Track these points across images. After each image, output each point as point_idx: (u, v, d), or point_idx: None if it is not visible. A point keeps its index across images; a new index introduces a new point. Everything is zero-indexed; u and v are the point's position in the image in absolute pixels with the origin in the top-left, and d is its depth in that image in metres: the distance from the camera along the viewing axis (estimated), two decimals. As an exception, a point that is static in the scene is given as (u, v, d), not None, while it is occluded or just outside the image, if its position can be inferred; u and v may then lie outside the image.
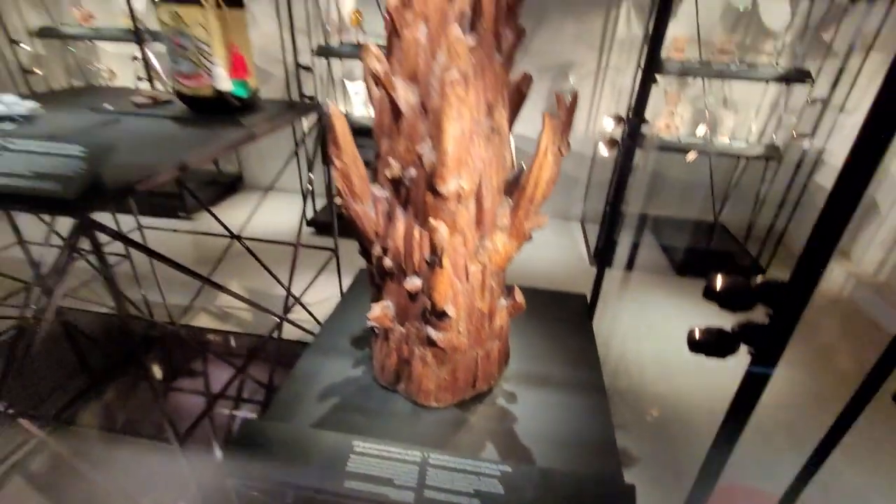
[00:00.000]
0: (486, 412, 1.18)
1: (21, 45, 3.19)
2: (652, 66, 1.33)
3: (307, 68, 2.92)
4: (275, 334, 1.73)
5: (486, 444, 1.09)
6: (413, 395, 1.17)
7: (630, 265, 3.11)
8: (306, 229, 3.37)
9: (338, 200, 1.01)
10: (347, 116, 3.18)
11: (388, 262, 1.06)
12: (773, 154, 2.79)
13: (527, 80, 0.99)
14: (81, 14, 3.22)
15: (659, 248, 3.31)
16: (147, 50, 3.03)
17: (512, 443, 1.09)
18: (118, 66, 3.59)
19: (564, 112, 0.91)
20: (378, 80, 0.90)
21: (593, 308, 1.75)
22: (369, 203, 1.02)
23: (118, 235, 0.89)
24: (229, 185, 3.94)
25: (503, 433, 1.12)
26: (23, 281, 1.89)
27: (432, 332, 1.02)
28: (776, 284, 0.57)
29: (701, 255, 3.13)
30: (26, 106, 1.14)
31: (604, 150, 1.37)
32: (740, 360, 0.78)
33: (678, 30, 3.10)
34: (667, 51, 2.98)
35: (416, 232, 0.98)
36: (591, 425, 1.12)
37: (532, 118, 3.50)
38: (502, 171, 0.99)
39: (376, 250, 1.07)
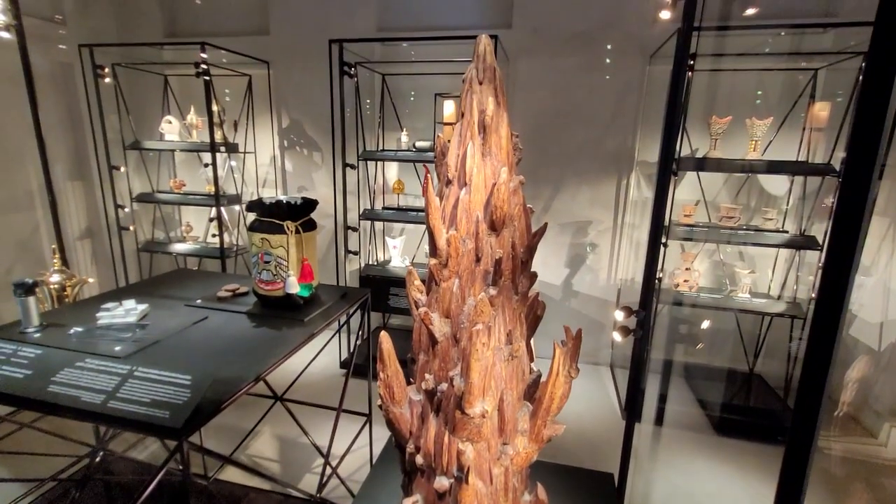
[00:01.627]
0: None
1: (124, 208, 3.86)
2: (657, 243, 1.54)
3: (354, 229, 3.37)
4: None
5: None
6: None
7: (663, 421, 3.02)
8: (339, 371, 3.51)
9: (379, 403, 1.17)
10: (386, 265, 3.53)
11: (419, 459, 1.17)
12: (796, 312, 2.85)
13: (540, 305, 1.19)
14: (175, 184, 3.93)
15: (694, 401, 3.23)
16: (222, 210, 3.61)
17: None
18: (195, 220, 4.23)
19: (572, 343, 1.08)
20: (417, 310, 1.12)
21: (623, 482, 1.73)
22: (405, 405, 1.18)
23: (203, 450, 1.07)
24: (273, 322, 4.25)
25: None
26: (88, 444, 2.05)
27: (457, 537, 1.08)
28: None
29: (740, 411, 3.02)
30: (139, 310, 1.43)
31: (617, 337, 1.52)
32: None
33: (685, 194, 3.45)
34: (676, 215, 3.29)
35: (446, 437, 1.11)
36: None
37: (556, 264, 3.71)
38: (521, 384, 1.14)
39: (410, 447, 1.19)
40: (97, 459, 2.15)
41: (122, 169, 3.80)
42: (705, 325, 3.54)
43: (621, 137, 3.49)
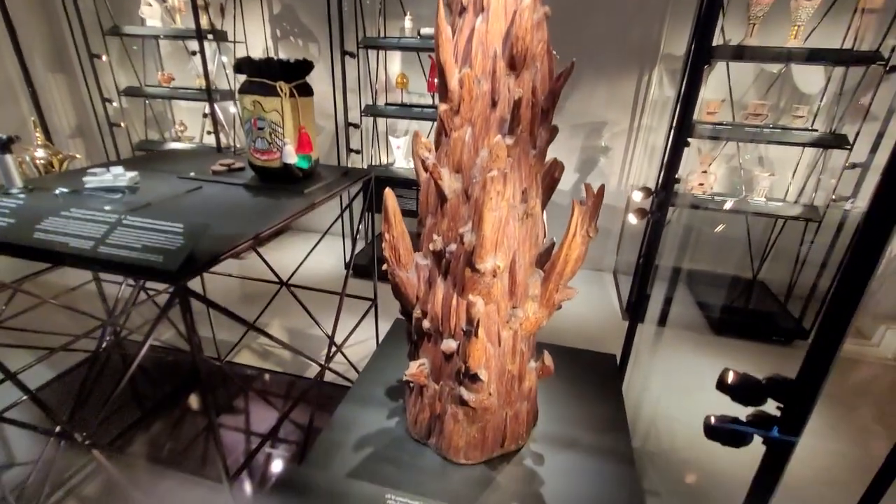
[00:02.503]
0: (513, 472, 1.22)
1: (112, 102, 3.64)
2: (681, 138, 1.42)
3: (356, 125, 3.18)
4: (318, 379, 1.84)
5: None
6: (443, 451, 1.23)
7: (664, 321, 3.07)
8: (344, 272, 3.54)
9: (385, 268, 1.13)
10: (390, 168, 3.40)
11: (426, 324, 1.16)
12: (812, 215, 2.76)
13: (559, 166, 1.10)
14: (164, 77, 3.66)
15: (694, 303, 3.27)
16: (216, 107, 3.40)
17: (539, 505, 1.13)
18: (189, 119, 4.02)
19: (592, 200, 1.01)
20: (426, 168, 1.03)
21: (624, 368, 1.77)
22: (412, 270, 1.14)
23: (204, 300, 1.04)
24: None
25: (529, 495, 1.15)
26: (97, 318, 2.10)
27: (465, 393, 1.10)
28: (784, 381, 0.62)
29: (739, 313, 3.07)
30: (129, 177, 1.35)
31: (633, 219, 1.45)
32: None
33: (710, 93, 3.19)
34: (699, 113, 3.07)
35: (454, 300, 1.08)
36: (619, 495, 1.14)
37: (566, 168, 3.59)
38: (534, 248, 1.09)
39: (416, 313, 1.17)
40: (108, 338, 2.22)
41: (105, 58, 3.52)
42: (716, 229, 3.48)
43: (647, 27, 3.16)
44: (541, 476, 1.21)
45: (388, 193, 1.03)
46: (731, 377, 0.63)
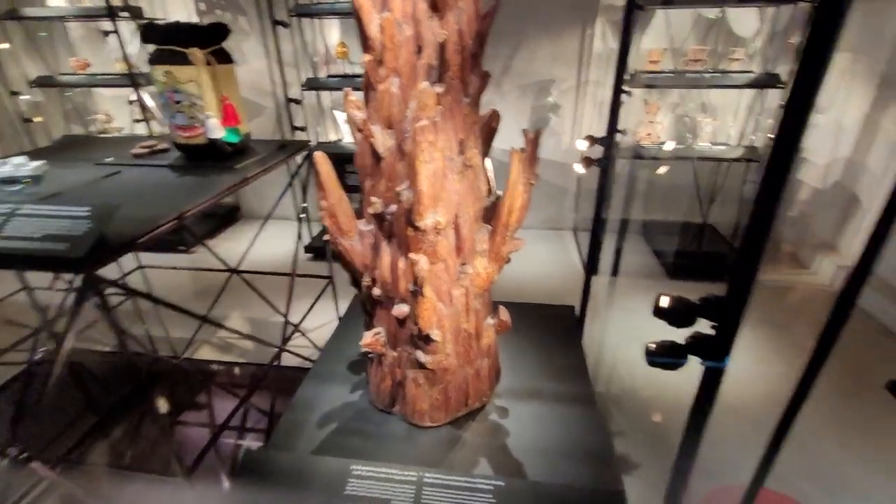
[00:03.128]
0: (479, 429, 1.23)
1: (21, 95, 3.30)
2: (619, 87, 1.41)
3: (297, 101, 3.03)
4: (276, 363, 1.78)
5: (480, 459, 1.14)
6: (408, 416, 1.22)
7: (618, 271, 3.17)
8: (304, 255, 3.44)
9: (327, 237, 1.08)
10: (338, 144, 3.28)
11: (376, 291, 1.12)
12: (752, 155, 2.87)
13: (495, 116, 1.07)
14: (77, 63, 3.34)
15: (651, 252, 3.38)
16: (142, 93, 3.15)
17: (505, 457, 1.14)
18: (115, 109, 3.71)
19: (530, 147, 0.98)
20: (358, 127, 0.97)
21: (583, 317, 1.80)
22: (356, 237, 1.09)
23: (121, 286, 0.96)
24: (227, 217, 4.03)
25: (497, 448, 1.17)
26: (30, 326, 1.95)
27: (421, 356, 1.08)
28: (714, 299, 0.63)
29: (692, 257, 3.20)
30: (32, 166, 1.22)
31: (580, 169, 1.45)
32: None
33: (652, 42, 3.22)
34: (642, 63, 3.09)
35: (401, 262, 1.04)
36: (583, 436, 1.17)
37: (518, 129, 3.58)
38: (478, 202, 1.06)
39: (365, 281, 1.13)
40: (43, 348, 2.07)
41: (5, 45, 3.17)
42: (664, 178, 3.58)
43: (585, -22, 3.12)
44: (507, 428, 1.22)
45: (319, 157, 0.97)
46: (664, 302, 0.63)
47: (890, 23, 2.65)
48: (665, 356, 0.62)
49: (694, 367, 0.87)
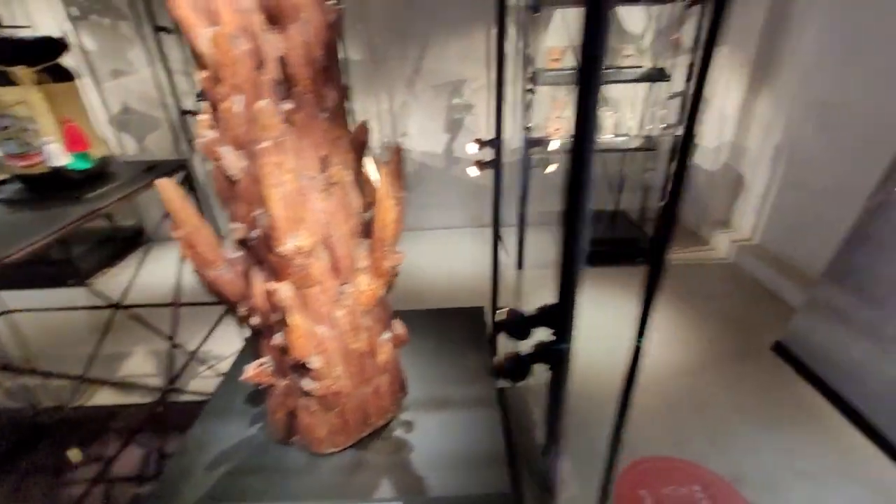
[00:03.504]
0: (382, 447, 1.20)
1: None
2: (500, 90, 1.44)
3: (192, 112, 2.82)
4: (167, 401, 1.64)
5: (382, 481, 1.11)
6: (307, 446, 1.17)
7: (521, 264, 3.28)
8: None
9: (194, 269, 0.99)
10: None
11: (254, 320, 1.06)
12: (649, 145, 3.06)
13: (363, 129, 1.03)
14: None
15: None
16: None
17: (408, 475, 1.12)
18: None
19: (394, 160, 0.96)
20: (206, 149, 0.90)
21: (494, 314, 1.82)
22: (223, 266, 1.02)
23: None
24: (129, 240, 3.69)
25: (400, 466, 1.14)
26: None
27: (307, 383, 1.03)
28: (544, 309, 0.64)
29: (607, 243, 3.36)
30: None
31: (473, 172, 1.45)
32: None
33: (556, 40, 3.34)
34: (544, 61, 3.20)
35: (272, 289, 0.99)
36: (482, 442, 1.18)
37: (435, 130, 3.56)
38: (351, 218, 1.03)
39: (241, 311, 1.06)
40: None
41: None
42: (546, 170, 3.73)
43: (485, -23, 3.16)
44: (410, 443, 1.21)
45: (163, 184, 0.89)
46: (501, 316, 0.63)
47: (756, 17, 2.93)
48: (510, 368, 0.63)
49: (620, 352, 0.91)
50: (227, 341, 2.17)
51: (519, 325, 0.63)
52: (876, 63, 2.32)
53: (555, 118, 3.18)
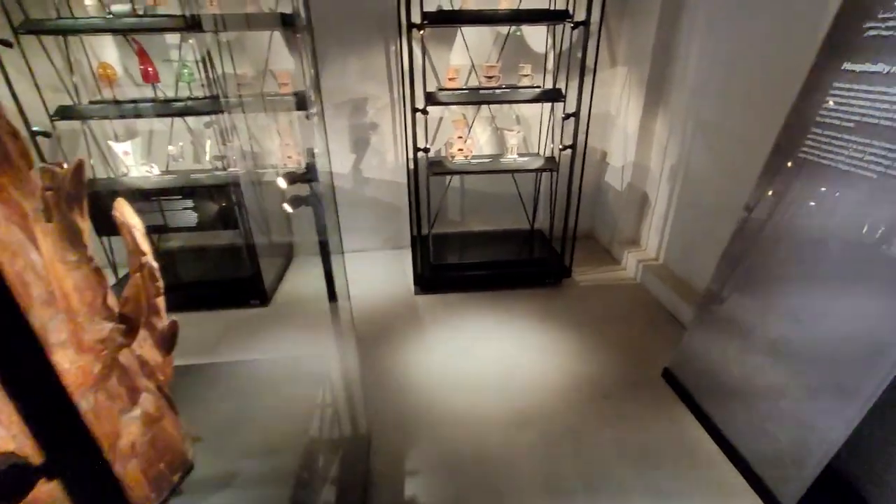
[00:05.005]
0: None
1: None
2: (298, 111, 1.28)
3: (44, 134, 2.54)
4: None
5: None
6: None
7: (446, 287, 3.14)
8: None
9: None
10: (122, 178, 2.83)
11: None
12: (550, 165, 3.00)
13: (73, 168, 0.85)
14: None
15: (483, 264, 3.38)
16: None
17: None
18: None
19: (60, 218, 0.78)
20: None
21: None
22: None
23: None
24: None
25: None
26: None
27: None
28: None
29: (520, 265, 3.26)
30: None
31: (288, 208, 1.29)
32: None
33: (459, 59, 3.26)
34: (442, 81, 3.11)
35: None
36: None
37: (341, 150, 3.38)
38: (38, 285, 0.83)
39: None
40: None
41: None
42: (494, 188, 3.66)
43: (379, -6, 3.05)
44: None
45: None
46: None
47: (647, 37, 2.94)
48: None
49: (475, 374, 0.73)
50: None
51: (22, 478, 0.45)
52: (748, 87, 2.34)
53: (456, 138, 3.08)
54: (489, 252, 3.40)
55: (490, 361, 2.48)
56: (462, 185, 3.75)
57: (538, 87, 2.92)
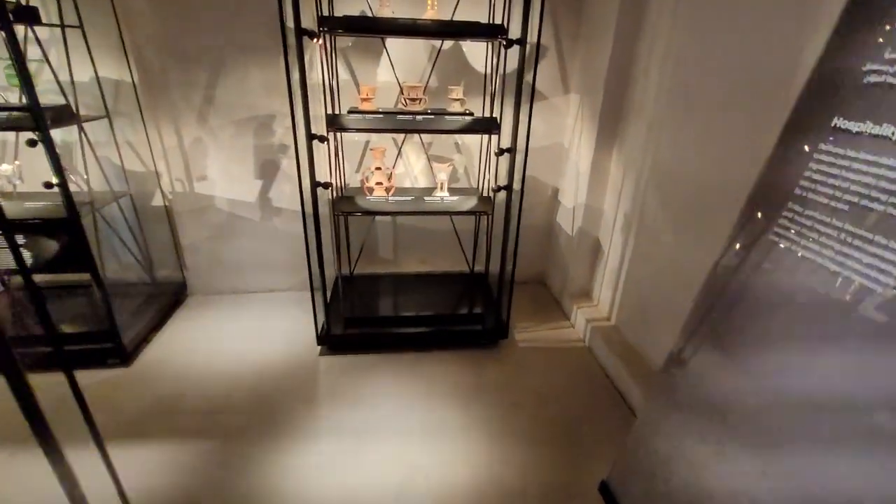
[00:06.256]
0: None
1: None
2: None
3: None
4: None
5: None
6: None
7: (343, 347, 2.60)
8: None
9: None
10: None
11: None
12: (484, 208, 2.51)
13: None
14: None
15: (402, 319, 2.85)
16: None
17: None
18: None
19: None
20: None
21: None
22: None
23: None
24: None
25: None
26: None
27: None
28: None
29: (451, 320, 2.72)
30: None
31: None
32: None
33: (385, 75, 2.76)
34: (354, 101, 2.60)
35: None
36: None
37: (243, 174, 2.82)
38: None
39: None
40: None
41: None
42: (427, 227, 3.16)
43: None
44: None
45: None
46: None
47: (602, 61, 2.49)
48: None
49: None
50: None
51: None
52: (706, 125, 1.89)
53: (374, 170, 2.56)
54: (417, 302, 2.87)
55: (389, 461, 1.93)
56: (394, 220, 3.24)
57: (470, 114, 2.43)
